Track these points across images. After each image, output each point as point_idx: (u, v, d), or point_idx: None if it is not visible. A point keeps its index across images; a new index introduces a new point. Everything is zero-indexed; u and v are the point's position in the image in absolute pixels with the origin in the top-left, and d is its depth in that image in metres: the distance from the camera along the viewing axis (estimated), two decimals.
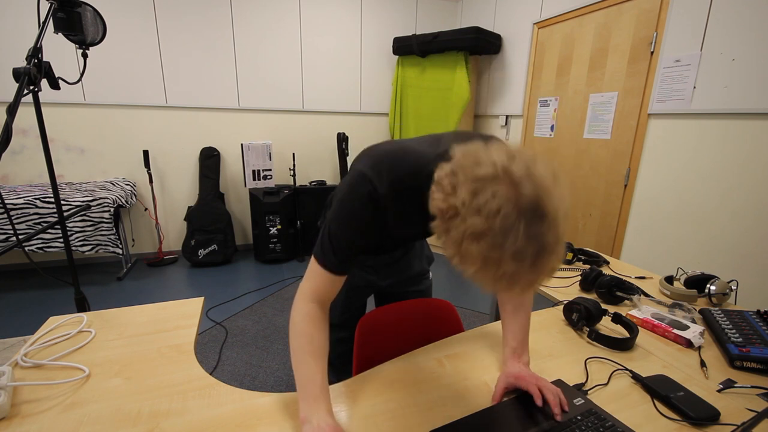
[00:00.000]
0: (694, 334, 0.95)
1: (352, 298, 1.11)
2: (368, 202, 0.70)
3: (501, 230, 0.47)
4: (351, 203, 0.72)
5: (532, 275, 0.49)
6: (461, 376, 0.82)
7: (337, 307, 1.02)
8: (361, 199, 0.71)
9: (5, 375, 0.72)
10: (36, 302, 2.59)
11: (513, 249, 0.47)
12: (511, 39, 3.24)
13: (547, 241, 0.48)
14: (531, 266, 0.48)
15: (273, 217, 3.35)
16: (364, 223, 0.73)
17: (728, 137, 1.82)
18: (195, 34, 3.21)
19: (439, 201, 0.53)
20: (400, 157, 0.72)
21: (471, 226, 0.48)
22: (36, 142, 2.97)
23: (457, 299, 2.81)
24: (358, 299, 1.15)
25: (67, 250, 1.35)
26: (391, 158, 0.71)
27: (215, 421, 0.68)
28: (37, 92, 1.05)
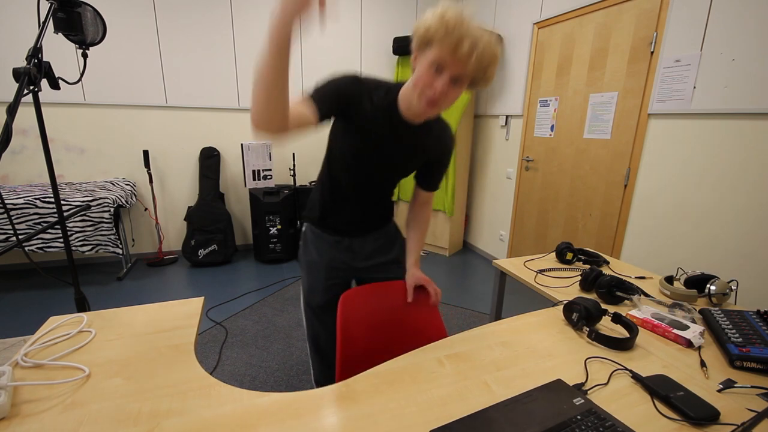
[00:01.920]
0: (694, 334, 0.95)
1: (331, 279, 1.22)
2: (353, 77, 0.97)
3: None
4: (339, 76, 0.97)
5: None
6: (461, 376, 0.82)
7: (318, 290, 1.23)
8: (347, 76, 0.97)
9: (5, 375, 0.72)
10: (36, 302, 2.59)
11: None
12: (511, 39, 3.24)
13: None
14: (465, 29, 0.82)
15: (273, 217, 3.35)
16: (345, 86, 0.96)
17: (728, 137, 1.82)
18: (195, 34, 3.21)
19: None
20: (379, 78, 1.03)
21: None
22: (36, 142, 2.97)
23: (457, 299, 2.82)
24: (337, 280, 1.24)
25: (67, 250, 1.35)
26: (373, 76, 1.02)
27: (215, 421, 0.68)
28: (37, 92, 1.05)
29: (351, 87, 0.97)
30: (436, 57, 0.86)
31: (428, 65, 0.87)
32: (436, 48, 0.85)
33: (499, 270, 1.55)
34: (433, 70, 0.87)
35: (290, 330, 2.33)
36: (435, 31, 0.84)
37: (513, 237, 3.41)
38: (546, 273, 1.45)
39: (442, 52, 0.84)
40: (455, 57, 0.84)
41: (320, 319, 1.27)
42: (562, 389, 0.77)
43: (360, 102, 0.98)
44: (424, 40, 0.87)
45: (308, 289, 1.26)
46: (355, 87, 0.98)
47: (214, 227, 3.29)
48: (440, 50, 0.84)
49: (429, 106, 0.91)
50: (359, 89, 0.98)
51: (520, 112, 3.18)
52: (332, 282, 1.23)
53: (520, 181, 3.26)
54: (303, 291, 1.29)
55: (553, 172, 2.90)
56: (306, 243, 1.26)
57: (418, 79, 0.90)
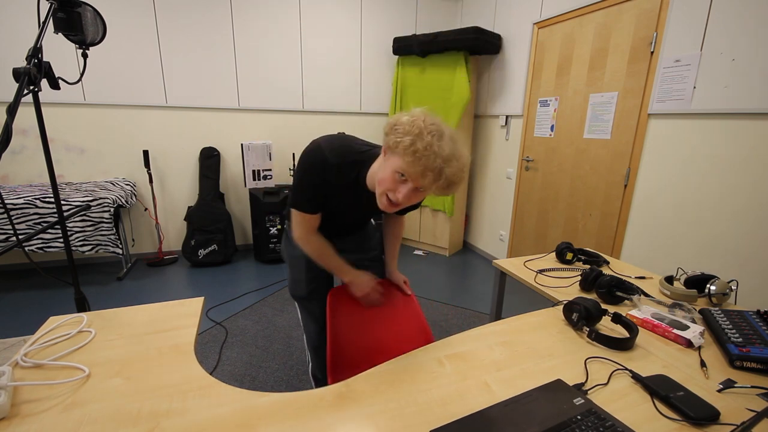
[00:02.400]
0: (694, 334, 0.95)
1: (312, 271, 1.29)
2: (320, 164, 1.01)
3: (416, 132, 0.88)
4: (305, 165, 1.03)
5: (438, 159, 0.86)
6: (461, 376, 0.82)
7: (302, 281, 1.31)
8: (314, 162, 1.02)
9: (5, 375, 0.72)
10: (36, 302, 2.59)
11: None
12: (511, 39, 3.23)
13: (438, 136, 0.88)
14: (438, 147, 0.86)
15: (273, 217, 3.35)
16: (314, 181, 1.03)
17: (728, 137, 1.82)
18: (195, 34, 3.21)
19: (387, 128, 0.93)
20: (349, 142, 1.06)
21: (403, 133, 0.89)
22: (36, 142, 2.97)
23: (457, 299, 2.82)
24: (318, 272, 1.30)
25: (67, 250, 1.35)
26: (341, 141, 1.05)
27: (215, 421, 0.68)
28: (37, 92, 1.05)
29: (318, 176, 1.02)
30: (401, 169, 0.90)
31: (393, 172, 0.91)
32: (403, 163, 0.88)
33: (499, 270, 1.55)
34: (398, 177, 0.91)
35: (290, 330, 2.33)
36: (403, 150, 0.87)
37: (513, 237, 3.41)
38: (546, 273, 1.45)
39: (408, 170, 0.89)
40: (418, 180, 0.89)
41: (307, 309, 1.37)
42: (562, 389, 0.77)
43: (329, 183, 1.04)
44: (393, 149, 0.91)
45: (292, 282, 1.36)
46: (320, 174, 1.02)
47: (214, 227, 3.29)
48: (406, 168, 0.88)
49: (390, 207, 0.96)
50: (324, 173, 1.02)
51: (520, 112, 3.18)
52: (313, 274, 1.30)
53: (520, 181, 3.26)
54: (288, 283, 1.39)
55: (553, 172, 2.90)
56: (288, 238, 1.34)
57: (382, 180, 0.94)
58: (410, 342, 1.18)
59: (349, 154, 1.04)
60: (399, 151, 0.88)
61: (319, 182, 1.03)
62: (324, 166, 1.01)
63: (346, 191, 1.07)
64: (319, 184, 1.03)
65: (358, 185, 1.06)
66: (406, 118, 0.90)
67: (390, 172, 0.92)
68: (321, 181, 1.03)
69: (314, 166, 1.02)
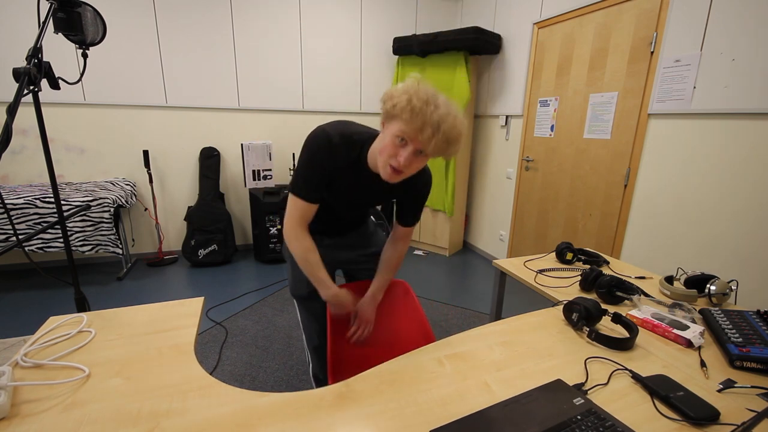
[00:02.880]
0: (694, 334, 0.95)
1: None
2: (325, 145, 1.02)
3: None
4: (312, 148, 1.03)
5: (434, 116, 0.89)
6: (461, 376, 0.82)
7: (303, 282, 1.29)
8: (320, 143, 1.02)
9: (5, 375, 0.72)
10: (36, 302, 2.59)
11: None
12: (511, 39, 3.23)
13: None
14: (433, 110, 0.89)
15: (273, 217, 3.35)
16: (321, 162, 1.03)
17: (728, 137, 1.82)
18: (195, 34, 3.21)
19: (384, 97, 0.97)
20: (349, 125, 1.08)
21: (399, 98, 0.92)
22: (36, 142, 2.96)
23: (458, 299, 2.82)
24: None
25: (67, 250, 1.35)
26: (343, 124, 1.07)
27: (215, 421, 0.68)
28: (37, 92, 1.05)
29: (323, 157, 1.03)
30: (400, 132, 0.92)
31: (393, 136, 0.94)
32: (401, 124, 0.92)
33: (499, 270, 1.55)
34: (398, 141, 0.94)
35: (290, 330, 2.33)
36: (401, 110, 0.90)
37: (513, 237, 3.41)
38: (546, 273, 1.45)
39: (406, 130, 0.91)
40: (417, 138, 0.91)
41: (308, 309, 1.37)
42: (562, 389, 0.77)
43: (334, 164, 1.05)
44: (390, 114, 0.94)
45: (293, 280, 1.35)
46: (325, 155, 1.03)
47: (214, 227, 3.29)
48: (404, 127, 0.91)
49: (393, 174, 0.97)
50: (329, 154, 1.03)
51: (520, 112, 3.18)
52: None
53: (520, 181, 3.26)
54: (289, 283, 1.38)
55: (553, 172, 2.90)
56: None
57: (384, 148, 0.96)
58: (411, 342, 1.18)
59: (352, 134, 1.06)
60: (397, 111, 0.91)
61: (324, 164, 1.03)
62: (329, 146, 1.02)
63: (349, 172, 1.07)
64: (324, 165, 1.03)
65: (360, 163, 1.06)
66: (400, 85, 0.94)
67: (390, 137, 0.94)
68: (326, 163, 1.03)
69: (320, 148, 1.03)
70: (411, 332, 1.27)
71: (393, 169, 0.95)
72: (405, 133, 0.91)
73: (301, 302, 1.38)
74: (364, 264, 1.37)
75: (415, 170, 0.99)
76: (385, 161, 0.96)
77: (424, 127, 0.89)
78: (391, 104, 0.93)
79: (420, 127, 0.89)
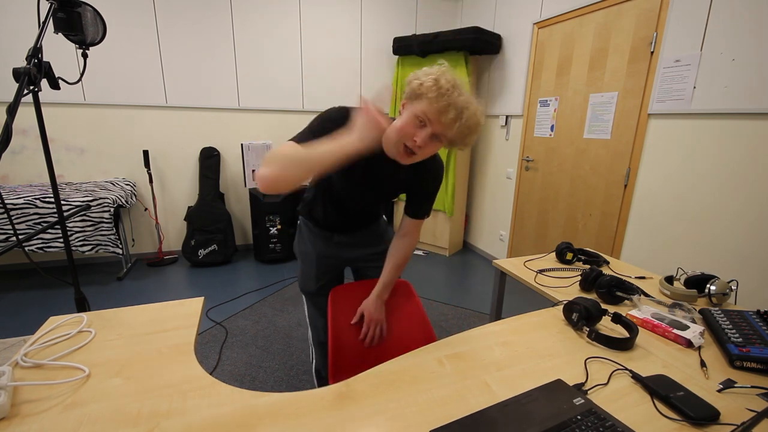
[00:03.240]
0: (694, 334, 0.95)
1: (322, 267, 1.33)
2: (342, 114, 0.99)
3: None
4: (328, 113, 1.02)
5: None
6: (461, 376, 0.82)
7: (311, 277, 1.32)
8: (337, 113, 1.00)
9: (5, 375, 0.72)
10: (36, 302, 2.59)
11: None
12: (511, 39, 3.23)
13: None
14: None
15: (273, 217, 3.35)
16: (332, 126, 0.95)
17: (728, 137, 1.82)
18: (195, 34, 3.21)
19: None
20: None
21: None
22: (36, 142, 2.96)
23: (458, 299, 2.82)
24: (328, 268, 1.35)
25: (67, 250, 1.35)
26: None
27: (215, 421, 0.68)
28: (37, 92, 1.05)
29: (338, 120, 0.98)
30: (422, 112, 0.91)
31: (413, 116, 0.92)
32: (424, 104, 0.90)
33: (499, 270, 1.55)
34: (417, 122, 0.92)
35: (290, 330, 2.33)
36: (427, 89, 0.89)
37: (513, 237, 3.41)
38: (546, 273, 1.45)
39: (429, 110, 0.90)
40: (439, 119, 0.89)
41: (316, 305, 1.38)
42: (562, 389, 0.77)
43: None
44: (415, 93, 0.92)
45: (302, 277, 1.37)
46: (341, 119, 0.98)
47: (214, 227, 3.29)
48: (427, 108, 0.90)
49: (406, 154, 0.95)
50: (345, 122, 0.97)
51: (520, 112, 3.18)
52: (323, 270, 1.34)
53: (520, 181, 3.26)
54: (298, 279, 1.41)
55: (553, 172, 2.90)
56: (301, 234, 1.37)
57: (402, 127, 0.93)
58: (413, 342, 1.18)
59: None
60: (423, 90, 0.89)
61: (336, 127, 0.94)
62: (348, 115, 0.98)
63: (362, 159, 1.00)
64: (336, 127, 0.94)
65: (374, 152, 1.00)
66: (426, 68, 0.93)
67: (409, 117, 0.92)
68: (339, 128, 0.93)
69: (337, 117, 0.99)
70: (413, 333, 1.27)
71: (406, 149, 0.94)
72: (427, 113, 0.90)
73: (309, 298, 1.40)
74: (373, 262, 1.35)
75: (427, 155, 0.97)
76: (399, 140, 0.93)
77: (448, 109, 0.88)
78: (417, 83, 0.91)
79: (444, 108, 0.88)
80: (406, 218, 1.23)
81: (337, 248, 1.31)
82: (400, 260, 1.23)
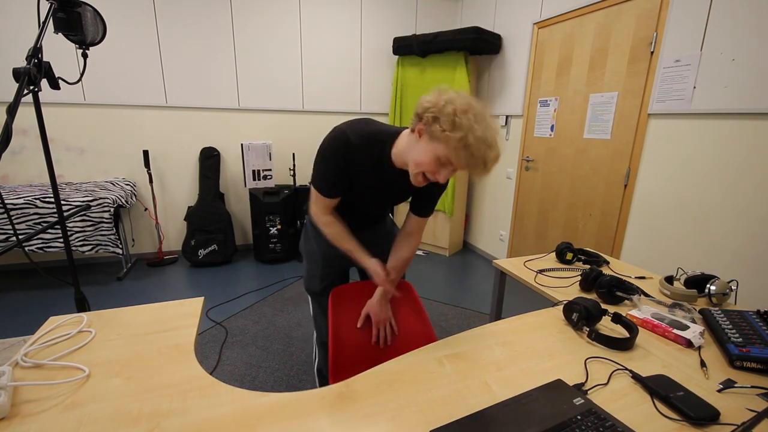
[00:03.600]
0: (694, 334, 0.95)
1: (327, 267, 1.34)
2: (343, 147, 1.02)
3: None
4: (329, 148, 1.03)
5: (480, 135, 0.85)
6: (461, 376, 0.82)
7: (316, 276, 1.34)
8: (338, 146, 1.02)
9: (5, 375, 0.72)
10: (36, 302, 2.59)
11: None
12: (511, 39, 3.23)
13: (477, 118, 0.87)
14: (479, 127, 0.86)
15: (273, 217, 3.35)
16: (337, 162, 1.03)
17: (728, 137, 1.82)
18: (195, 34, 3.21)
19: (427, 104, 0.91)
20: (370, 124, 1.07)
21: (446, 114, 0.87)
22: (36, 142, 2.96)
23: (458, 299, 2.82)
24: (333, 268, 1.35)
25: (67, 250, 1.35)
26: (364, 123, 1.06)
27: (215, 421, 0.68)
28: (37, 92, 1.05)
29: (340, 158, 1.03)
30: (446, 158, 0.89)
31: (435, 158, 0.90)
32: (451, 154, 0.87)
33: (499, 270, 1.55)
34: (440, 163, 0.91)
35: (290, 330, 2.33)
36: (455, 144, 0.85)
37: (513, 237, 3.41)
38: (546, 273, 1.45)
39: (455, 160, 0.88)
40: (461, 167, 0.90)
41: (320, 305, 1.39)
42: (562, 389, 0.77)
43: (353, 164, 1.05)
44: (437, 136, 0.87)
45: (308, 276, 1.38)
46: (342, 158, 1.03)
47: (214, 227, 3.29)
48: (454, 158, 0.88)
49: (424, 181, 0.97)
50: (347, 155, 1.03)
51: (520, 112, 3.18)
52: (328, 270, 1.35)
53: (520, 181, 3.26)
54: (303, 278, 1.42)
55: (553, 172, 2.90)
56: (306, 233, 1.38)
57: (422, 162, 0.92)
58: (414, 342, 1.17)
59: (372, 133, 1.05)
60: (449, 143, 0.86)
61: (343, 164, 1.03)
62: (348, 147, 1.02)
63: (371, 171, 1.07)
64: (343, 166, 1.04)
65: (382, 163, 1.06)
66: (449, 107, 0.87)
67: (432, 156, 0.90)
68: (345, 164, 1.03)
69: (338, 150, 1.02)
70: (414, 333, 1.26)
71: (425, 177, 0.95)
72: (452, 160, 0.89)
73: (314, 298, 1.40)
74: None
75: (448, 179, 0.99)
76: (419, 172, 0.94)
77: (474, 163, 0.87)
78: (439, 131, 0.86)
79: (469, 162, 0.87)
80: (411, 216, 1.23)
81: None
82: (406, 259, 1.24)
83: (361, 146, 1.02)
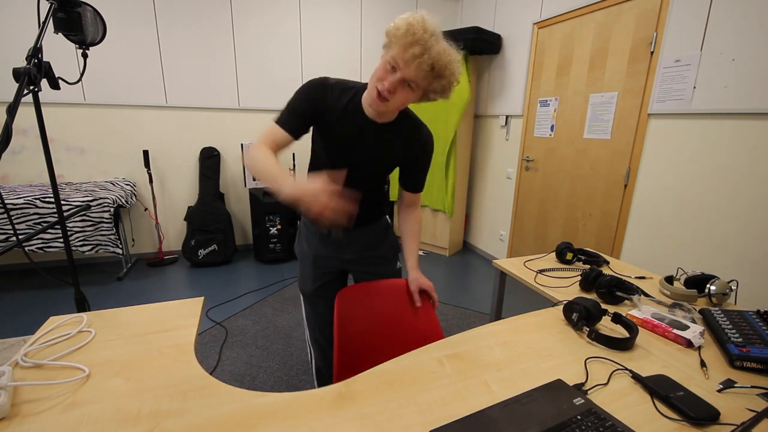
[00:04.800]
0: (694, 334, 0.95)
1: (318, 269, 1.32)
2: (319, 84, 1.06)
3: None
4: (306, 85, 1.06)
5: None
6: (461, 376, 0.82)
7: (308, 278, 1.32)
8: (315, 83, 1.06)
9: (5, 375, 0.72)
10: (36, 302, 2.59)
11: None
12: (511, 39, 3.23)
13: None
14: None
15: (273, 217, 3.35)
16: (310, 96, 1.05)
17: (728, 137, 1.82)
18: (195, 34, 3.21)
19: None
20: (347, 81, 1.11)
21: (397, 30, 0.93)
22: (36, 142, 2.96)
23: (457, 299, 2.82)
24: (325, 270, 1.33)
25: (67, 250, 1.35)
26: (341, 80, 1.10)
27: (215, 421, 0.68)
28: (37, 92, 1.05)
29: (316, 92, 1.06)
30: (391, 56, 0.94)
31: (385, 62, 0.95)
32: (394, 47, 0.93)
33: (499, 270, 1.55)
34: (389, 67, 0.95)
35: (290, 330, 2.33)
36: (396, 29, 0.92)
37: (513, 237, 3.41)
38: (546, 273, 1.45)
39: (398, 54, 0.92)
40: (404, 58, 0.91)
41: (312, 305, 1.40)
42: (562, 389, 0.77)
43: (326, 104, 1.07)
44: (390, 37, 0.95)
45: (301, 277, 1.38)
46: (319, 91, 1.06)
47: (214, 227, 3.29)
48: (395, 50, 0.92)
49: (379, 99, 0.97)
50: (323, 93, 1.06)
51: (520, 112, 3.18)
52: (320, 272, 1.33)
53: (520, 181, 3.26)
54: (297, 278, 1.42)
55: (553, 172, 2.90)
56: (300, 235, 1.37)
57: (374, 73, 0.98)
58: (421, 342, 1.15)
59: (349, 82, 1.10)
60: (398, 34, 0.91)
61: (314, 98, 1.06)
62: (324, 85, 1.06)
63: (346, 118, 1.08)
64: (313, 99, 1.06)
65: (357, 109, 1.08)
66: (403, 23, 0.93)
67: (382, 63, 0.96)
68: (317, 99, 1.06)
69: (314, 85, 1.06)
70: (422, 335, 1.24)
71: (379, 93, 0.96)
72: (395, 57, 0.92)
73: (306, 298, 1.41)
74: (371, 267, 1.32)
75: (401, 103, 1.00)
76: (372, 84, 0.97)
77: (412, 45, 0.89)
78: (393, 28, 0.93)
79: (408, 44, 0.89)
80: (405, 193, 1.27)
81: (334, 248, 1.29)
82: (416, 229, 1.30)
83: (336, 86, 1.07)
